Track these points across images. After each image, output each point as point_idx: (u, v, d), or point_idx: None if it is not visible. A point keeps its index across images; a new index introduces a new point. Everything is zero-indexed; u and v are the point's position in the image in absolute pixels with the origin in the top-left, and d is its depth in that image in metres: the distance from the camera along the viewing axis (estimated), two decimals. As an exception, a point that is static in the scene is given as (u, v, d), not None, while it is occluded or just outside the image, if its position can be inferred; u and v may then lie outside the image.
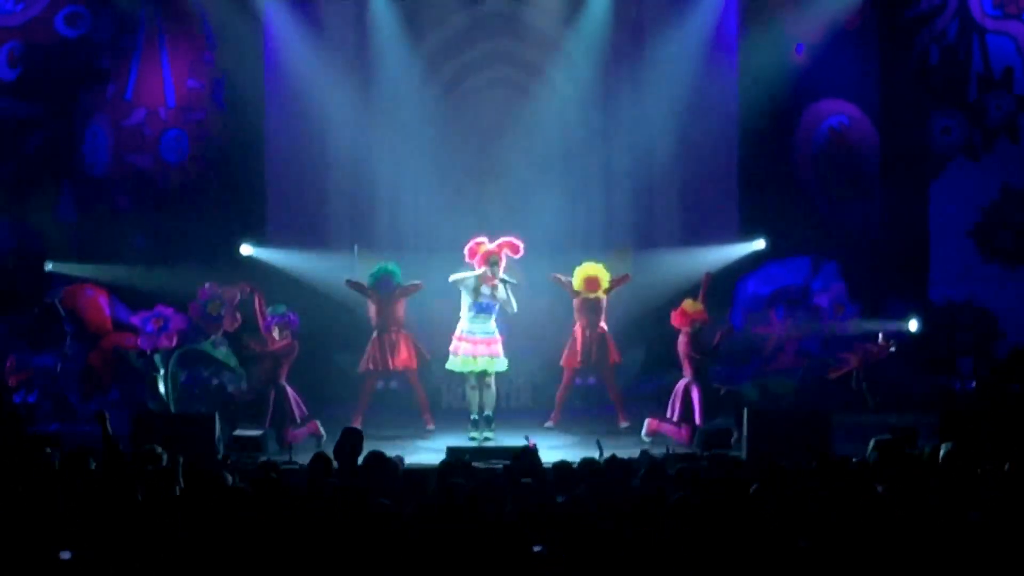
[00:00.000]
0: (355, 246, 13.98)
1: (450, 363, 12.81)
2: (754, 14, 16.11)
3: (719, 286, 13.70)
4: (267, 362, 12.62)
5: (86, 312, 14.87)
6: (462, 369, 12.75)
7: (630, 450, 9.99)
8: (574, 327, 13.43)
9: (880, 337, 14.64)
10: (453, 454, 10.21)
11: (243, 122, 16.14)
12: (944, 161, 16.17)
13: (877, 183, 16.40)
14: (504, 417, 13.12)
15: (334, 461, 8.53)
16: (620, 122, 16.16)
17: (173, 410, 13.63)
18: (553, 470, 8.13)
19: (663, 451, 11.08)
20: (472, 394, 12.85)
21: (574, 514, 6.65)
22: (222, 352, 14.18)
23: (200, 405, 13.85)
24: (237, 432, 11.95)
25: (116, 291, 15.15)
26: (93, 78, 15.99)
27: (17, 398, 14.24)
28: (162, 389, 14.06)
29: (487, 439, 12.41)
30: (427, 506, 6.93)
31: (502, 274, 12.58)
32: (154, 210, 16.14)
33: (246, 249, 15.44)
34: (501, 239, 12.70)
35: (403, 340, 13.31)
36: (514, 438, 11.64)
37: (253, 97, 16.11)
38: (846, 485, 7.17)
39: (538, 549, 6.42)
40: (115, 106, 16.05)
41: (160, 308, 14.10)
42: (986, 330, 15.84)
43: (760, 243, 15.70)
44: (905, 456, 8.13)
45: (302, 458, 10.21)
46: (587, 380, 14.88)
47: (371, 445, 8.71)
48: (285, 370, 12.56)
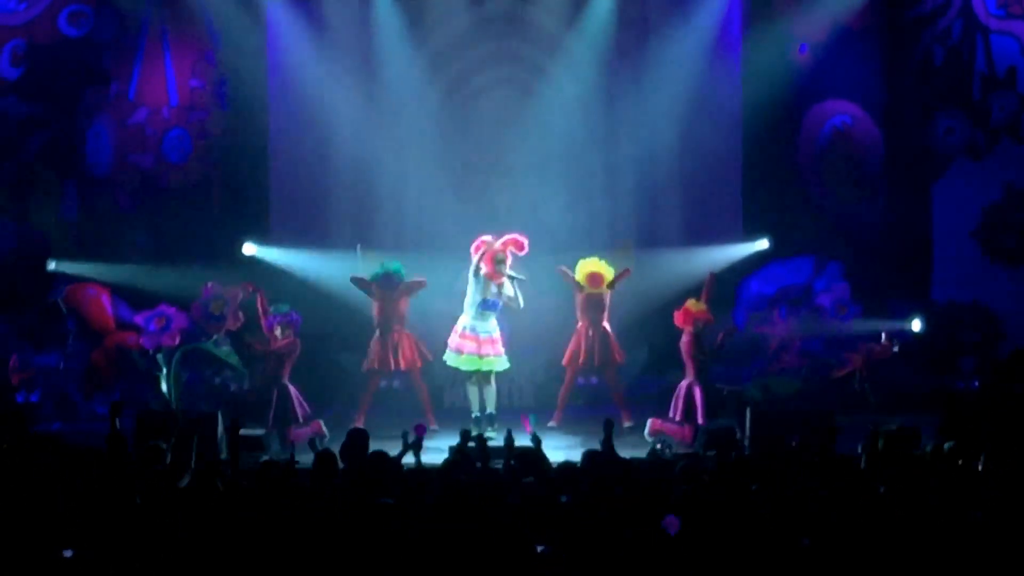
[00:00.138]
0: (358, 245, 13.94)
1: (453, 360, 12.79)
2: (758, 14, 16.11)
3: (722, 286, 13.69)
4: (270, 361, 12.61)
5: (89, 311, 14.87)
6: (467, 367, 12.75)
7: (632, 450, 9.98)
8: (577, 326, 13.42)
9: (883, 337, 14.63)
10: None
11: (246, 122, 16.13)
12: (947, 161, 16.17)
13: (880, 183, 16.40)
14: (506, 416, 13.09)
15: (340, 462, 8.51)
16: (623, 122, 16.15)
17: (175, 409, 13.63)
18: (557, 470, 8.12)
19: (668, 451, 11.07)
20: (473, 391, 12.86)
21: (577, 514, 6.65)
22: (224, 351, 14.19)
23: (203, 404, 13.85)
24: (240, 431, 11.92)
25: (119, 290, 15.14)
26: (96, 77, 16.00)
27: (20, 397, 14.24)
28: (164, 388, 14.08)
29: (489, 438, 12.39)
30: (430, 506, 6.93)
31: (509, 271, 12.58)
32: (157, 209, 16.14)
33: (249, 248, 15.41)
34: (506, 236, 12.71)
35: (406, 340, 13.30)
36: (517, 437, 11.61)
37: (256, 97, 16.11)
38: (847, 485, 7.17)
39: (541, 549, 6.42)
40: (118, 105, 16.06)
41: (163, 307, 14.13)
42: (989, 330, 15.83)
43: (763, 243, 15.67)
44: (906, 455, 8.13)
45: (305, 458, 10.19)
46: (589, 380, 14.86)
47: (373, 445, 8.71)
48: (287, 369, 12.56)
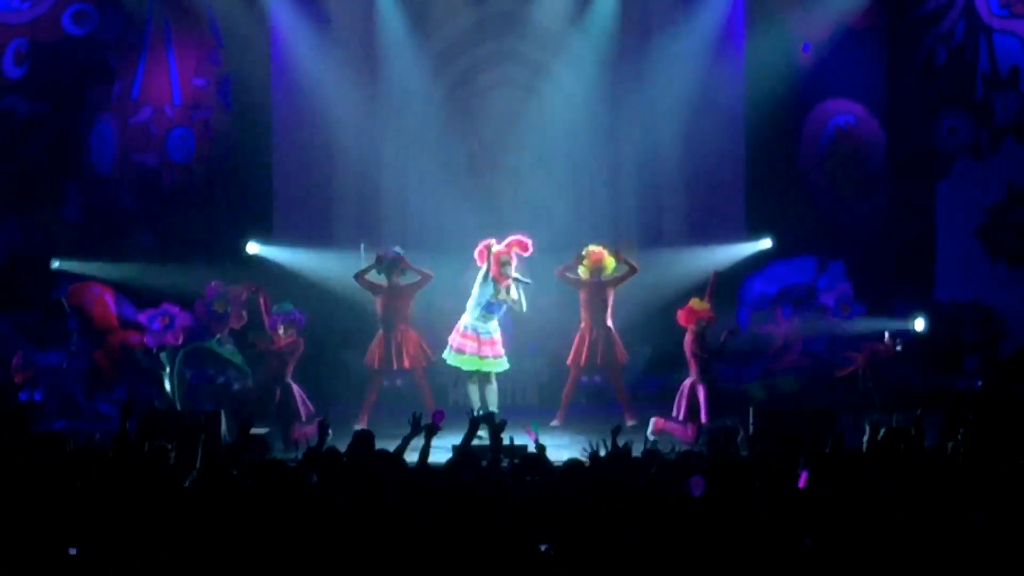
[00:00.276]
0: (362, 244, 13.94)
1: (453, 359, 12.80)
2: (760, 13, 16.11)
3: (725, 285, 13.69)
4: (273, 360, 12.63)
5: (92, 310, 14.86)
6: (468, 367, 12.76)
7: (634, 450, 9.95)
8: (581, 326, 13.43)
9: (886, 336, 14.59)
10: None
11: (250, 120, 16.15)
12: (950, 161, 16.18)
13: (883, 182, 16.41)
14: (509, 416, 13.05)
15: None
16: (626, 121, 16.16)
17: (179, 408, 13.64)
18: (561, 469, 8.12)
19: (670, 449, 11.05)
20: (474, 391, 12.86)
21: (580, 513, 6.65)
22: (228, 350, 14.19)
23: (206, 403, 13.86)
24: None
25: (122, 289, 15.13)
26: (99, 76, 16.00)
27: (23, 396, 14.24)
28: (168, 387, 14.09)
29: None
30: (433, 505, 6.93)
31: (514, 273, 12.58)
32: (160, 208, 16.15)
33: (252, 247, 15.43)
34: (510, 238, 12.70)
35: (409, 339, 13.30)
36: (519, 436, 11.61)
37: (260, 95, 16.13)
38: (847, 484, 7.16)
39: (544, 548, 6.42)
40: (121, 104, 16.07)
41: (166, 306, 14.14)
42: (992, 329, 15.82)
43: (766, 242, 15.68)
44: (908, 454, 8.13)
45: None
46: (593, 378, 14.87)
47: (377, 444, 8.69)
48: (291, 368, 12.57)
